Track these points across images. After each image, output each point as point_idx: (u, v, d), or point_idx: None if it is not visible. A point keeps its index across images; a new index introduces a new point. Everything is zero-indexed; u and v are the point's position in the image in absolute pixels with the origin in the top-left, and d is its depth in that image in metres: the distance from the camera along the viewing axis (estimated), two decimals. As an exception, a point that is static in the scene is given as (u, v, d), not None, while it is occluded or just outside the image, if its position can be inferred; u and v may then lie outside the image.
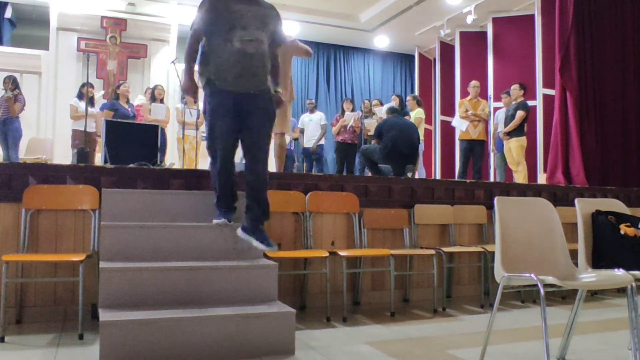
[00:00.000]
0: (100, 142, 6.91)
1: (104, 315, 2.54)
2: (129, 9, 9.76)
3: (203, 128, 7.45)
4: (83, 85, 7.06)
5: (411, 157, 5.77)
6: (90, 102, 6.88)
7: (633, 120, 7.12)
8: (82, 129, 6.56)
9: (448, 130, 9.34)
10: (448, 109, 9.62)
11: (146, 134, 4.61)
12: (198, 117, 7.15)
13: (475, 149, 7.23)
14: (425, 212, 4.43)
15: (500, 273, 2.48)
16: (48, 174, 3.44)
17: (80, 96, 7.06)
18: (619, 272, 2.45)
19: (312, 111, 8.62)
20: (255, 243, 3.08)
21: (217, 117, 3.13)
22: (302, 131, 8.57)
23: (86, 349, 2.73)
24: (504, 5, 8.84)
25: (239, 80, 3.10)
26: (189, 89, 3.31)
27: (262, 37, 3.17)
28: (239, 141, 3.22)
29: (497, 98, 8.07)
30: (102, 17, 9.66)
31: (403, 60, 12.34)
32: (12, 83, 6.89)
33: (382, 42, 11.29)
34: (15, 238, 3.27)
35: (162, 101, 7.59)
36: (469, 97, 7.48)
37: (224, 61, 3.09)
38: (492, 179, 8.11)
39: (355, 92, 11.89)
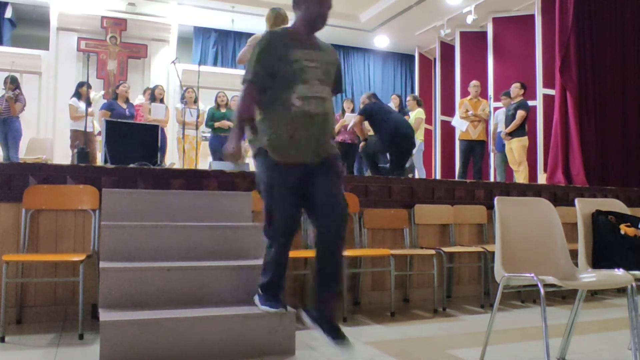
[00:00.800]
0: (99, 141, 6.93)
1: (104, 315, 2.54)
2: (129, 9, 9.77)
3: (203, 128, 7.46)
4: (81, 85, 7.06)
5: (411, 141, 5.69)
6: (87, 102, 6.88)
7: (633, 120, 7.12)
8: (81, 129, 6.58)
9: (448, 130, 9.34)
10: (448, 109, 9.62)
11: (146, 134, 4.61)
12: (198, 117, 7.16)
13: (476, 149, 7.23)
14: (425, 212, 4.43)
15: (500, 273, 2.48)
16: (48, 174, 3.44)
17: (78, 96, 7.05)
18: (619, 272, 2.45)
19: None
20: (331, 343, 2.42)
21: (275, 196, 2.54)
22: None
23: (86, 349, 2.73)
24: (504, 5, 8.84)
25: (300, 151, 2.52)
26: (234, 155, 2.63)
27: (326, 94, 2.61)
28: (305, 209, 2.65)
29: (498, 98, 8.07)
30: (102, 17, 9.68)
31: (403, 60, 12.34)
32: (13, 83, 6.90)
33: (382, 42, 11.30)
34: (15, 238, 3.27)
35: (162, 101, 7.59)
36: (469, 97, 7.48)
37: (281, 126, 2.51)
38: (492, 179, 8.11)
39: (355, 92, 11.89)
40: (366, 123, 7.34)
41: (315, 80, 2.54)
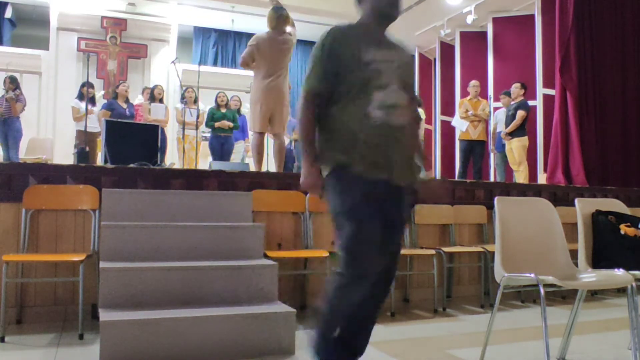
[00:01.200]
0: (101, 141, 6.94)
1: (104, 315, 2.54)
2: (129, 9, 9.77)
3: (203, 128, 7.46)
4: (83, 85, 7.07)
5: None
6: (92, 101, 6.89)
7: (633, 120, 7.12)
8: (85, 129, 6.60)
9: (448, 130, 9.34)
10: (448, 109, 9.62)
11: (146, 134, 4.61)
12: (198, 117, 7.16)
13: (475, 149, 7.23)
14: (425, 212, 4.43)
15: (500, 273, 2.48)
16: (48, 174, 3.44)
17: (80, 97, 7.06)
18: (619, 272, 2.45)
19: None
20: None
21: (363, 217, 1.97)
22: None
23: (86, 349, 2.73)
24: (504, 5, 8.84)
25: (386, 169, 2.03)
26: (312, 184, 2.08)
27: (407, 101, 2.11)
28: None
29: (497, 98, 8.07)
30: (102, 17, 9.68)
31: (403, 60, 12.32)
32: (12, 83, 6.90)
33: (382, 42, 11.29)
34: (15, 238, 3.27)
35: (161, 101, 7.60)
36: (469, 97, 7.48)
37: (362, 140, 2.00)
38: (492, 179, 8.11)
39: (355, 92, 11.87)
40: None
41: (394, 85, 2.06)
